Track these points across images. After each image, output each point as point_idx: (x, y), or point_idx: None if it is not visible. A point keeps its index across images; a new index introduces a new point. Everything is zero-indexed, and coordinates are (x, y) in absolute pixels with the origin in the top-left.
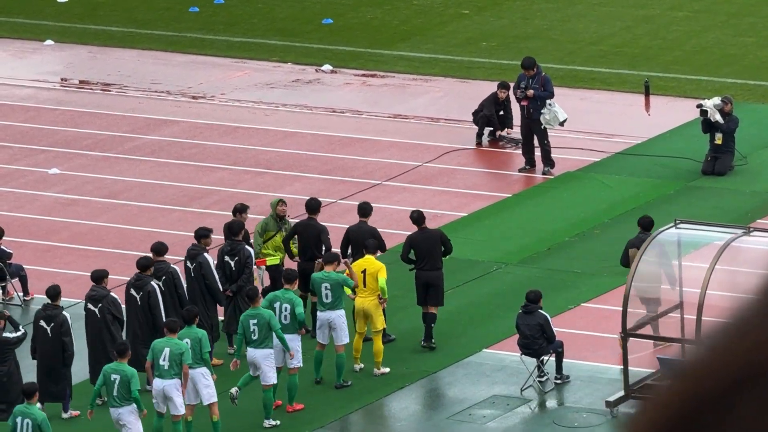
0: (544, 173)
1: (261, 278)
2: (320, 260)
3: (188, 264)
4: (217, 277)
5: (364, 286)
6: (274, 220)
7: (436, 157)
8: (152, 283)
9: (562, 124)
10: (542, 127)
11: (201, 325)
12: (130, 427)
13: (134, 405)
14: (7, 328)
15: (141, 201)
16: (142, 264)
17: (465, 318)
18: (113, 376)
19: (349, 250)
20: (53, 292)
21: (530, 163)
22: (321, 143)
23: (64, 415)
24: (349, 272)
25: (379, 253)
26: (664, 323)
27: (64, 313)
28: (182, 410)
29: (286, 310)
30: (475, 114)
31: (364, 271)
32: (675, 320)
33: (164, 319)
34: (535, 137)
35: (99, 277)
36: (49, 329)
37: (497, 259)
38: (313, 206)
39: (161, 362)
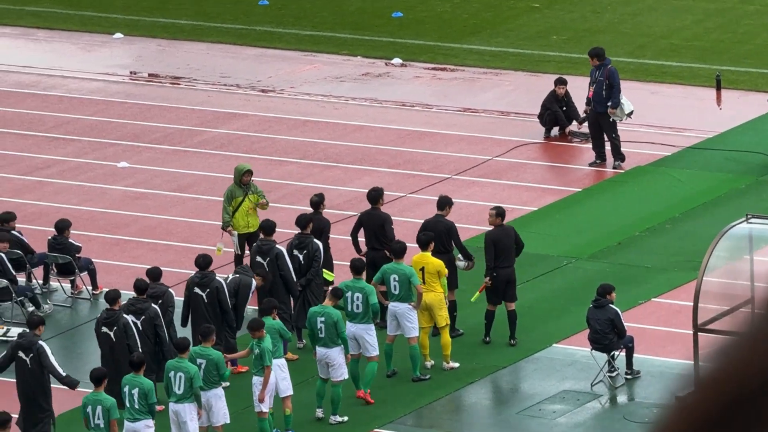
0: (614, 167)
1: (236, 245)
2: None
3: (259, 259)
4: (291, 268)
5: (423, 282)
6: (239, 187)
7: (506, 151)
8: (153, 306)
9: (629, 115)
10: (610, 120)
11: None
12: None
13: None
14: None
15: (210, 194)
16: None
17: (535, 313)
18: (198, 360)
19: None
20: (113, 296)
21: (600, 157)
22: (390, 137)
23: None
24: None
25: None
26: (735, 318)
27: (125, 316)
28: None
29: (358, 299)
30: (540, 116)
31: (422, 269)
32: (745, 315)
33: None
34: (604, 131)
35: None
36: (112, 333)
37: (568, 253)
38: (374, 196)
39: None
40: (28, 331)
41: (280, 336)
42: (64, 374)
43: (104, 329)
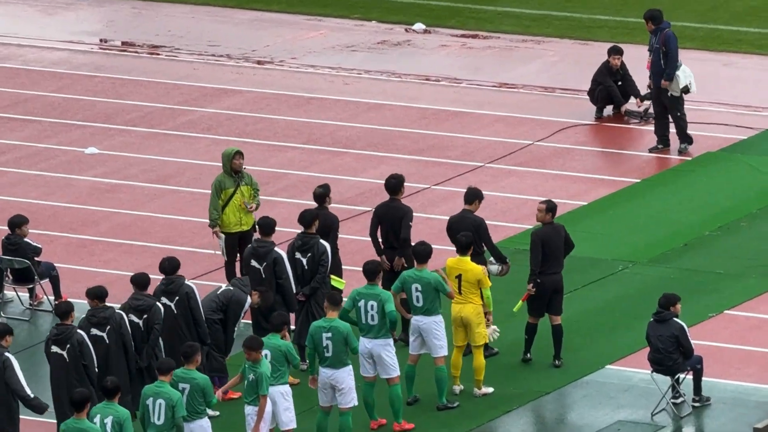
0: (680, 152)
1: (223, 248)
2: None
3: (254, 263)
4: (291, 277)
5: (460, 293)
6: (230, 175)
7: (550, 135)
8: (120, 314)
9: (684, 92)
10: (669, 94)
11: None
12: None
13: None
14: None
15: (195, 186)
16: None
17: (585, 328)
18: (181, 385)
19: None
20: (65, 309)
21: (663, 141)
22: (412, 117)
23: None
24: (442, 277)
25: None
26: None
27: (78, 331)
28: None
29: (372, 309)
30: (591, 92)
31: (459, 277)
32: None
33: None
34: (668, 110)
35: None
36: (65, 353)
37: (623, 257)
38: (393, 185)
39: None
40: None
41: (285, 360)
42: (31, 395)
43: (55, 348)
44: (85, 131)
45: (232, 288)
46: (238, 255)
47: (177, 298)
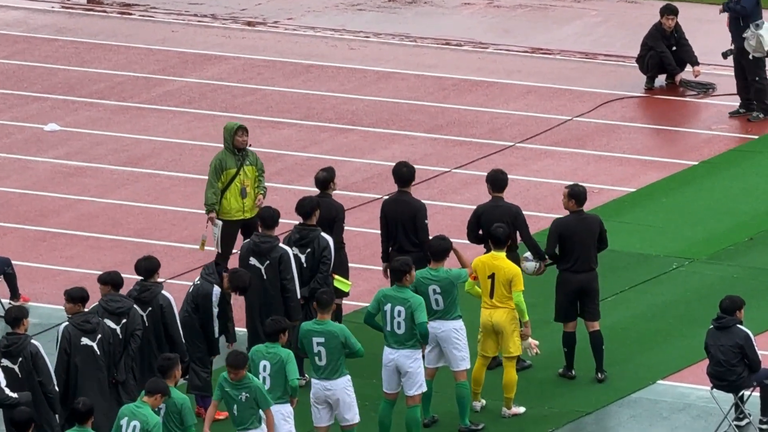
0: (752, 119)
1: (218, 238)
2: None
3: (254, 262)
4: (296, 278)
5: (491, 296)
6: (232, 153)
7: (592, 109)
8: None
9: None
10: (749, 56)
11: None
12: None
13: None
14: None
15: (173, 170)
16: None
17: (632, 337)
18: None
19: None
20: (15, 315)
21: (746, 106)
22: (429, 88)
23: None
24: (460, 260)
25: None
26: None
27: (33, 342)
28: None
29: (399, 315)
30: (640, 59)
31: (492, 276)
32: None
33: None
34: (746, 73)
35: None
36: (16, 367)
37: (678, 253)
38: (405, 176)
39: None
40: None
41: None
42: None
43: (4, 362)
44: (45, 104)
45: (198, 282)
46: (235, 250)
47: (150, 309)
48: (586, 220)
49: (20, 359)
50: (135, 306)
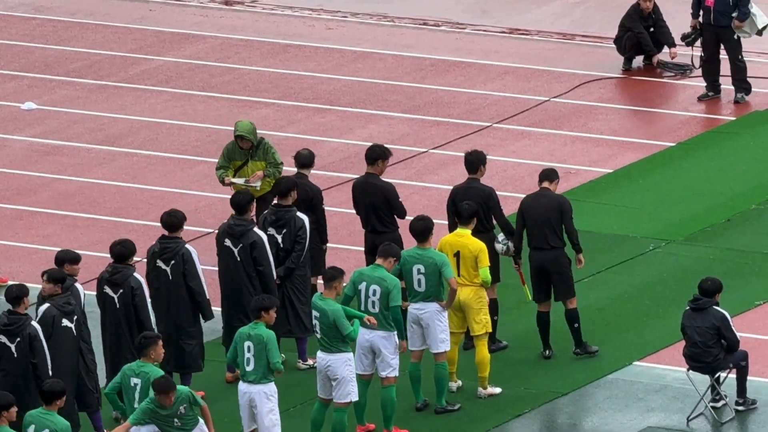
0: (736, 101)
1: (246, 182)
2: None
3: (228, 244)
4: (272, 262)
5: (458, 274)
6: (239, 148)
7: (569, 90)
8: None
9: (760, 33)
10: (734, 36)
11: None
12: None
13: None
14: None
15: (151, 149)
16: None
17: (608, 318)
18: (133, 380)
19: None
20: (16, 293)
21: (713, 88)
22: (406, 68)
23: None
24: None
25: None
26: None
27: (33, 324)
28: None
29: (374, 295)
30: (618, 40)
31: (457, 254)
32: None
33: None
34: (724, 51)
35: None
36: (13, 346)
37: (655, 234)
38: (374, 154)
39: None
40: None
41: (268, 366)
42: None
43: (2, 339)
44: (21, 83)
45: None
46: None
47: (121, 290)
48: (545, 197)
49: (18, 339)
50: (76, 285)
